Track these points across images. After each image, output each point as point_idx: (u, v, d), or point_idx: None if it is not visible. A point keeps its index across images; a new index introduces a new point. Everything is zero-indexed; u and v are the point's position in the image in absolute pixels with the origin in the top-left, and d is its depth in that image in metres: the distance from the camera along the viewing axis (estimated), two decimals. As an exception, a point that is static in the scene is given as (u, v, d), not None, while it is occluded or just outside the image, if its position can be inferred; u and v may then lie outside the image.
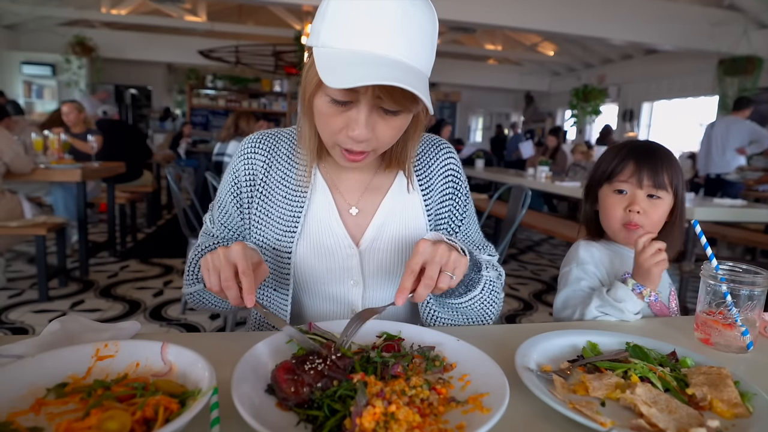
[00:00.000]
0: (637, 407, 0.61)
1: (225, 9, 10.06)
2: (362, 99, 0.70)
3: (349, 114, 0.72)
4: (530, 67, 12.47)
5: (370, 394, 0.56)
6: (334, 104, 0.72)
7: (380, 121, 0.74)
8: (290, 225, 0.88)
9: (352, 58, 0.66)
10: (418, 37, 0.69)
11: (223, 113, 10.98)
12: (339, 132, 0.75)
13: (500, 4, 6.57)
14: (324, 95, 0.73)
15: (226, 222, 0.94)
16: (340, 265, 0.90)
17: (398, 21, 0.66)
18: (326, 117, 0.74)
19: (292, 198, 0.89)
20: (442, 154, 0.96)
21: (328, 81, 0.65)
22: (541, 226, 3.86)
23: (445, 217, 0.96)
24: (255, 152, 0.91)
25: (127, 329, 0.76)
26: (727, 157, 5.13)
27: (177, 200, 2.81)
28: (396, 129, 0.76)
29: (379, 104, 0.71)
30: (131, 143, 4.81)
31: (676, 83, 9.04)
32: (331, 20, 0.69)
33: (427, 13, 0.70)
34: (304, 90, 0.77)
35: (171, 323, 2.83)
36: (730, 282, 0.86)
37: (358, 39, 0.67)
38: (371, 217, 0.90)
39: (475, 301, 0.87)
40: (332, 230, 0.89)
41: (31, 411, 0.53)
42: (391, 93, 0.68)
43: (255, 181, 0.90)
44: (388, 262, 0.91)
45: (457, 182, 0.97)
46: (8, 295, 3.12)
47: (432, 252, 0.71)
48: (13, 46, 9.60)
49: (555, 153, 7.15)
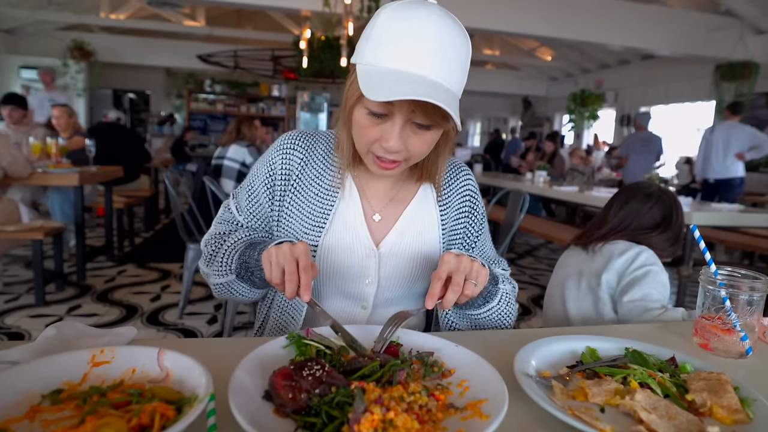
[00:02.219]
0: (636, 413, 0.60)
1: (224, 14, 10.08)
2: (397, 113, 0.78)
3: (384, 126, 0.80)
4: (528, 72, 12.52)
5: (369, 400, 0.56)
6: (372, 116, 0.79)
7: (412, 134, 0.81)
8: (319, 221, 0.94)
9: (391, 76, 0.74)
10: (452, 61, 0.76)
11: (222, 118, 11.00)
12: (374, 142, 0.82)
13: (498, 10, 6.60)
14: (363, 107, 0.80)
15: (254, 211, 0.98)
16: (359, 264, 0.95)
17: (435, 45, 0.74)
18: (363, 128, 0.82)
19: (324, 196, 0.95)
20: (462, 176, 1.04)
21: (368, 94, 0.72)
22: (539, 230, 3.86)
23: (461, 233, 1.03)
24: (294, 148, 0.96)
25: (123, 335, 0.75)
26: (726, 163, 5.14)
27: (175, 205, 2.80)
28: (426, 143, 0.83)
29: (413, 119, 0.78)
30: (129, 147, 4.80)
31: (673, 88, 9.08)
32: (375, 41, 0.76)
33: (463, 39, 0.78)
34: (346, 102, 0.84)
35: (168, 328, 2.82)
36: (729, 287, 0.85)
37: (398, 59, 0.74)
38: (393, 224, 0.97)
39: (492, 312, 0.94)
40: (356, 231, 0.95)
41: (26, 418, 0.52)
42: (424, 109, 0.74)
43: (291, 176, 0.96)
44: (402, 267, 0.97)
45: (474, 203, 1.05)
46: (5, 299, 3.10)
47: (457, 262, 0.78)
48: (12, 50, 9.60)
49: (553, 158, 7.17)
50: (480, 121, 15.40)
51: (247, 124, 3.93)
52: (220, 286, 0.95)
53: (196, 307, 3.15)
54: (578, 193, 4.39)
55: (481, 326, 0.97)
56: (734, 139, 5.07)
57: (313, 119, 10.86)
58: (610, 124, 10.68)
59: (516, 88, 12.67)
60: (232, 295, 0.95)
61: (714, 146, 5.18)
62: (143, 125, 11.59)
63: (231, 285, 0.93)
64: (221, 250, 0.94)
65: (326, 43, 7.31)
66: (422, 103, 0.72)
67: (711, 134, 5.28)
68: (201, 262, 1.00)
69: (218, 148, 3.94)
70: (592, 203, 4.39)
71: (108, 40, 10.21)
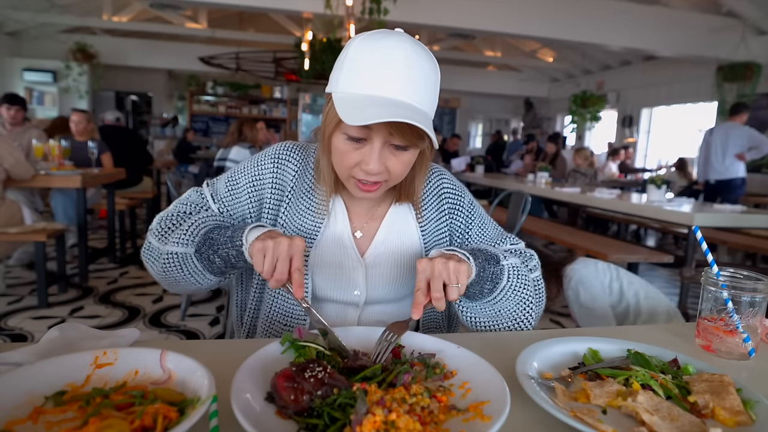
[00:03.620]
0: (638, 415, 0.60)
1: (226, 16, 10.10)
2: (375, 136, 0.80)
3: (364, 150, 0.82)
4: (529, 73, 12.51)
5: (371, 402, 0.56)
6: (351, 141, 0.82)
7: (391, 156, 0.83)
8: (312, 233, 0.95)
9: (367, 101, 0.77)
10: (422, 84, 0.80)
11: (224, 119, 11.03)
12: (354, 166, 0.84)
13: (499, 11, 6.61)
14: (341, 134, 0.82)
15: (231, 204, 0.97)
16: (347, 276, 0.97)
17: (405, 70, 0.78)
18: (343, 153, 0.84)
19: (316, 210, 0.96)
20: (434, 178, 1.05)
21: (347, 120, 0.75)
22: (541, 232, 3.86)
23: (446, 231, 1.03)
24: (288, 159, 0.97)
25: (126, 337, 0.75)
26: (726, 163, 5.13)
27: (177, 206, 2.80)
28: (405, 163, 0.85)
29: (390, 141, 0.81)
30: (132, 149, 4.81)
31: (675, 89, 9.06)
32: (348, 70, 0.80)
33: (430, 63, 0.82)
34: (324, 130, 0.86)
35: (170, 330, 2.83)
36: (732, 288, 0.85)
37: (372, 85, 0.78)
38: (372, 238, 0.99)
39: (507, 291, 0.91)
40: (344, 243, 0.97)
41: (29, 419, 0.52)
42: (401, 130, 0.78)
43: (284, 186, 0.96)
44: (387, 274, 0.99)
45: (455, 198, 1.05)
46: (8, 301, 3.11)
47: (431, 269, 0.77)
48: (15, 53, 9.64)
49: (554, 159, 7.16)
50: (482, 123, 15.40)
51: (249, 125, 3.94)
52: (171, 257, 0.88)
53: (198, 308, 3.16)
54: (580, 195, 4.39)
55: (504, 311, 0.93)
56: (732, 140, 5.06)
57: (315, 121, 10.89)
58: (611, 125, 10.66)
59: (517, 90, 12.67)
60: (180, 272, 0.88)
61: (713, 148, 5.18)
62: (146, 127, 11.62)
63: (185, 259, 0.87)
64: (188, 221, 0.90)
65: (328, 45, 7.32)
66: (399, 124, 0.76)
67: (710, 136, 5.28)
68: (150, 234, 0.93)
69: (220, 149, 3.95)
70: (595, 205, 4.39)
71: (110, 42, 10.24)
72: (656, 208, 3.40)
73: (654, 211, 3.44)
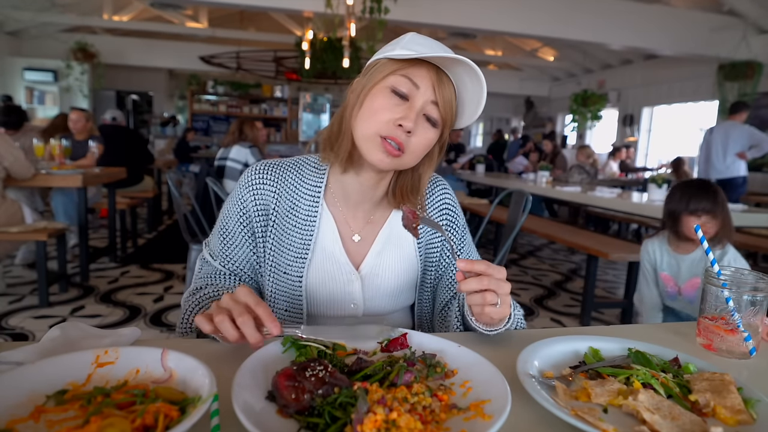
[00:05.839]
0: (639, 414, 0.60)
1: (226, 15, 10.10)
2: (419, 97, 0.82)
3: (403, 107, 0.82)
4: (530, 72, 12.50)
5: (371, 401, 0.56)
6: (394, 96, 0.83)
7: (420, 125, 0.84)
8: (301, 252, 0.93)
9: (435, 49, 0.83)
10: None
11: (224, 119, 11.02)
12: (387, 122, 0.82)
13: (500, 10, 6.60)
14: (386, 87, 0.83)
15: (230, 253, 0.95)
16: (342, 290, 0.96)
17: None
18: (381, 108, 0.83)
19: (302, 227, 0.93)
20: (439, 190, 1.05)
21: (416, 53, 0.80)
22: (541, 231, 3.85)
23: (438, 246, 1.03)
24: (263, 183, 0.94)
25: (127, 336, 0.75)
26: (727, 162, 5.13)
27: (178, 205, 2.81)
28: (427, 140, 0.86)
29: (427, 110, 0.83)
30: (132, 148, 4.82)
31: (676, 88, 9.06)
32: (408, 42, 0.84)
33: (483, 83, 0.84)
34: (362, 89, 0.86)
35: (171, 329, 2.83)
36: (733, 287, 0.85)
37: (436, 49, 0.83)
38: (370, 245, 0.97)
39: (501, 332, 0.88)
40: (335, 258, 0.95)
41: (31, 418, 0.52)
42: (444, 98, 0.83)
43: (267, 210, 0.94)
44: (384, 285, 0.98)
45: (453, 216, 1.05)
46: (8, 300, 3.12)
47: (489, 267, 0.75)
48: (16, 52, 9.65)
49: (554, 157, 7.16)
50: (482, 122, 15.39)
51: (249, 124, 3.94)
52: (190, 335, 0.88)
53: (199, 307, 3.16)
54: (581, 194, 4.39)
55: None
56: (733, 138, 5.06)
57: (316, 120, 10.88)
58: (612, 124, 10.66)
59: (518, 89, 12.66)
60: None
61: (714, 147, 5.17)
62: (146, 126, 11.63)
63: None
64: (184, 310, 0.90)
65: (328, 44, 7.32)
66: (441, 96, 0.82)
67: (710, 135, 5.28)
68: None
69: (221, 149, 3.95)
70: (595, 204, 4.38)
71: (111, 41, 10.25)
72: (657, 207, 3.39)
73: (655, 210, 3.44)
